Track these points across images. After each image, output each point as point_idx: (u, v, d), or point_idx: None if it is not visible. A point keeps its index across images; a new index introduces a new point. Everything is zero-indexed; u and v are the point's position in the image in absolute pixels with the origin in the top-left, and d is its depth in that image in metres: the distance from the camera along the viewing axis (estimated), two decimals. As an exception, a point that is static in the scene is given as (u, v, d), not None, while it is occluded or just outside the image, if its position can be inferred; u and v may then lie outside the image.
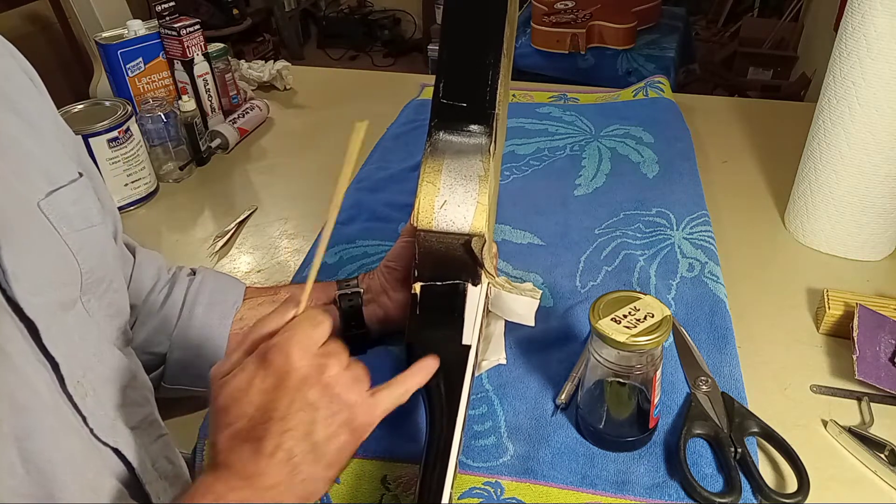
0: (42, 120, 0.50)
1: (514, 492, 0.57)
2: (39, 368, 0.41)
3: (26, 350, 0.41)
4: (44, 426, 0.40)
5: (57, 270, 0.45)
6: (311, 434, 0.42)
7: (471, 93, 0.60)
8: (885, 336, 0.67)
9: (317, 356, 0.43)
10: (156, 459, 0.50)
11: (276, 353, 0.42)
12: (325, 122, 1.23)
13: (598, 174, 0.99)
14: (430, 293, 0.58)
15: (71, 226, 0.47)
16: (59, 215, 0.46)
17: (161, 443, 0.52)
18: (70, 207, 0.48)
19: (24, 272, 0.41)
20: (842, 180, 0.81)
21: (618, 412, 0.59)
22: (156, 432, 0.52)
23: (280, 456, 0.41)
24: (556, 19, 1.91)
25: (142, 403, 0.52)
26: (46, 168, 0.47)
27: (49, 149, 0.49)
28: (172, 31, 1.07)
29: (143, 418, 0.51)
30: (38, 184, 0.46)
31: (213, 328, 0.64)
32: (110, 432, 0.46)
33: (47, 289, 0.43)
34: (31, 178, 0.46)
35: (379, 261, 0.72)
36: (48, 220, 0.45)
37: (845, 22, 0.77)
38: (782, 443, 0.59)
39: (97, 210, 0.51)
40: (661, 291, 0.76)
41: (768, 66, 2.82)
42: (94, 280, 0.49)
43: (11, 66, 0.50)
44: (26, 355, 0.41)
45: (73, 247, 0.47)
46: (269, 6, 3.71)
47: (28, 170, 0.46)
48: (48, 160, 0.48)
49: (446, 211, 0.58)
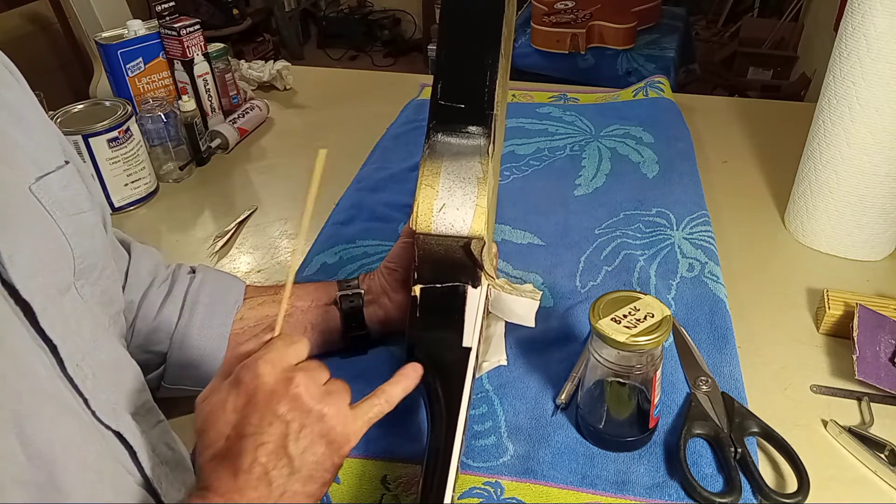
0: (25, 110, 0.50)
1: (514, 492, 0.57)
2: (37, 351, 0.41)
3: (23, 333, 0.41)
4: (43, 410, 0.40)
5: (51, 254, 0.45)
6: (285, 447, 0.42)
7: (469, 94, 0.59)
8: (885, 336, 0.67)
9: (285, 370, 0.44)
10: (156, 445, 0.50)
11: (246, 372, 0.44)
12: (325, 122, 1.23)
13: (598, 174, 0.99)
14: (429, 295, 0.58)
15: (63, 210, 0.47)
16: (51, 199, 0.46)
17: (160, 428, 0.52)
18: (60, 192, 0.48)
19: (20, 255, 0.41)
20: (842, 180, 0.81)
21: (618, 412, 0.59)
22: (154, 418, 0.52)
23: (256, 471, 0.41)
24: (556, 19, 1.91)
25: (139, 389, 0.52)
26: (34, 156, 0.48)
27: (34, 137, 0.49)
28: (172, 31, 1.07)
29: (142, 404, 0.51)
30: (28, 169, 0.46)
31: (214, 328, 0.64)
32: (112, 416, 0.46)
33: (43, 272, 0.43)
34: (20, 164, 0.46)
35: (379, 261, 0.72)
36: (41, 204, 0.45)
37: (845, 22, 0.77)
38: (782, 443, 0.59)
39: (86, 196, 0.51)
40: (661, 291, 0.76)
41: (768, 66, 2.82)
42: (87, 266, 0.49)
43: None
44: (23, 338, 0.41)
45: (65, 231, 0.47)
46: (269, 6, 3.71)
47: (16, 157, 0.46)
48: (35, 148, 0.48)
49: (445, 214, 0.58)
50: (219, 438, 0.43)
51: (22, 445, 0.38)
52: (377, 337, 0.69)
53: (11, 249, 0.41)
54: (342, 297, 0.66)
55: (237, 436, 0.42)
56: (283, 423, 0.43)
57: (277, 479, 0.42)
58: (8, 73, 0.51)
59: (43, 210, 0.46)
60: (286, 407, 0.43)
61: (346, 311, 0.66)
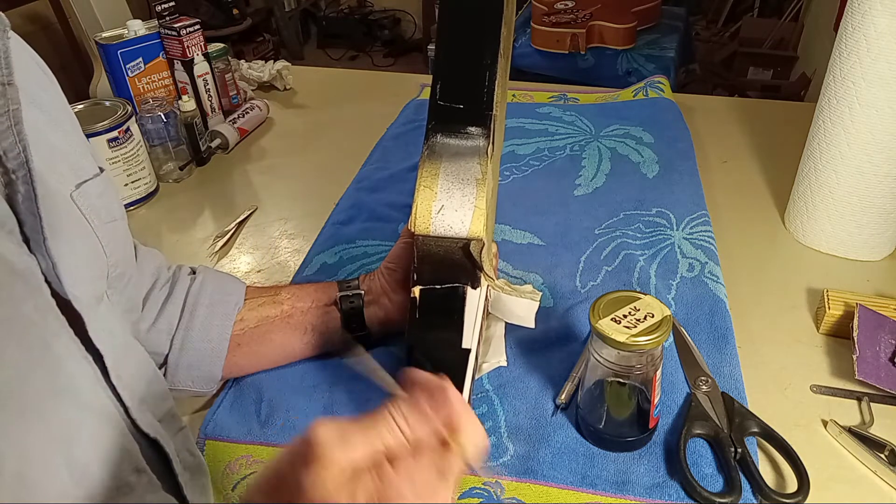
0: (61, 113, 0.49)
1: (514, 492, 0.57)
2: (82, 363, 0.40)
3: (71, 346, 0.40)
4: (85, 424, 0.39)
5: (91, 262, 0.45)
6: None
7: (468, 94, 0.59)
8: (885, 336, 0.67)
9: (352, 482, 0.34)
10: (179, 451, 0.50)
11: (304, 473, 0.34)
12: (325, 122, 1.23)
13: (598, 174, 0.99)
14: (429, 297, 0.58)
15: (99, 218, 0.47)
16: (89, 207, 0.46)
17: (182, 435, 0.52)
18: (96, 200, 0.47)
19: (66, 264, 0.40)
20: (842, 180, 0.81)
21: (618, 412, 0.59)
22: (177, 425, 0.52)
23: None
24: (556, 19, 1.91)
25: (164, 397, 0.51)
26: (72, 161, 0.47)
27: (71, 142, 0.49)
28: (172, 31, 1.07)
29: (167, 411, 0.51)
30: (68, 176, 0.46)
31: (215, 329, 0.64)
32: (149, 424, 0.45)
33: (85, 282, 0.43)
34: (60, 171, 0.45)
35: (379, 261, 0.72)
36: (81, 212, 0.45)
37: (845, 22, 0.77)
38: (782, 443, 0.59)
39: (118, 204, 0.51)
40: (661, 291, 0.76)
41: (768, 66, 2.82)
42: (118, 274, 0.49)
43: (27, 60, 0.49)
44: (70, 351, 0.40)
45: (102, 239, 0.46)
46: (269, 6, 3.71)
47: (57, 163, 0.45)
48: (72, 154, 0.48)
49: (444, 216, 0.58)
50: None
51: (67, 464, 0.37)
52: (378, 337, 0.69)
53: (59, 258, 0.40)
54: (342, 297, 0.66)
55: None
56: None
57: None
58: (42, 74, 0.50)
59: (82, 218, 0.45)
60: None
61: (347, 312, 0.66)
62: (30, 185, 0.39)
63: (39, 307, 0.38)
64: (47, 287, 0.39)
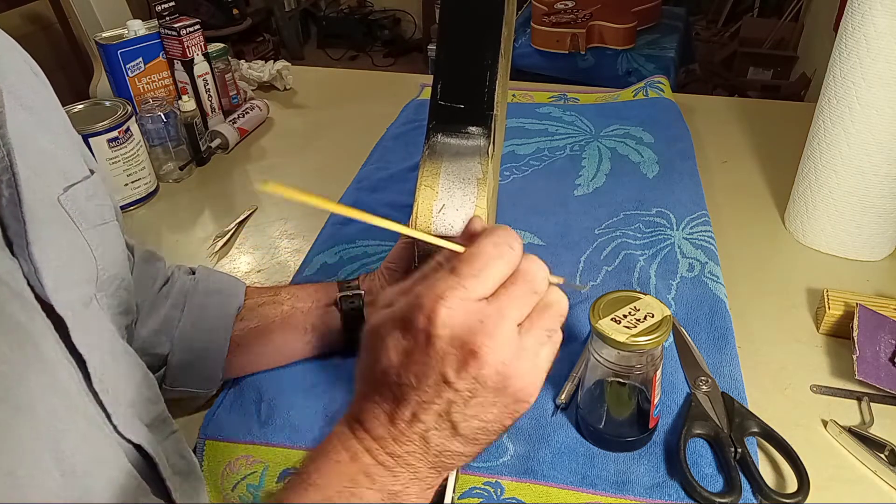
0: (51, 115, 0.49)
1: (514, 492, 0.57)
2: (68, 367, 0.41)
3: (56, 348, 0.40)
4: (76, 426, 0.39)
5: (77, 266, 0.45)
6: (449, 413, 0.38)
7: (468, 94, 0.59)
8: (885, 336, 0.67)
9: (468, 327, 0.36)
10: (169, 455, 0.50)
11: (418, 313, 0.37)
12: (325, 122, 1.23)
13: (598, 174, 0.99)
14: (429, 295, 0.58)
15: (88, 221, 0.47)
16: (77, 210, 0.46)
17: (173, 439, 0.52)
18: (85, 203, 0.47)
19: (50, 268, 0.40)
20: (842, 180, 0.81)
21: (618, 412, 0.59)
22: (168, 429, 0.52)
23: (416, 428, 0.38)
24: (556, 19, 1.91)
25: (154, 401, 0.51)
26: (61, 164, 0.47)
27: (61, 145, 0.48)
28: (172, 31, 1.07)
29: (157, 416, 0.51)
30: (56, 179, 0.46)
31: (215, 329, 0.64)
32: (132, 429, 0.45)
33: (70, 285, 0.43)
34: (48, 174, 0.45)
35: (379, 261, 0.72)
36: (68, 215, 0.45)
37: (845, 22, 0.77)
38: (782, 443, 0.59)
39: (109, 206, 0.51)
40: (661, 291, 0.76)
41: (768, 66, 2.82)
42: (108, 277, 0.48)
43: (17, 61, 0.49)
44: (56, 354, 0.40)
45: (90, 242, 0.46)
46: (269, 6, 3.71)
47: (45, 166, 0.45)
48: (62, 156, 0.47)
49: (444, 215, 0.58)
50: (377, 368, 0.39)
51: (57, 462, 0.37)
52: (377, 337, 0.69)
53: (43, 262, 0.40)
54: (342, 297, 0.66)
55: (397, 380, 0.38)
56: (453, 391, 0.37)
57: (436, 438, 0.39)
58: (33, 76, 0.50)
59: (70, 222, 0.45)
60: (460, 380, 0.37)
61: (347, 312, 0.66)
62: (14, 190, 0.39)
63: (26, 308, 0.38)
64: (30, 291, 0.39)
